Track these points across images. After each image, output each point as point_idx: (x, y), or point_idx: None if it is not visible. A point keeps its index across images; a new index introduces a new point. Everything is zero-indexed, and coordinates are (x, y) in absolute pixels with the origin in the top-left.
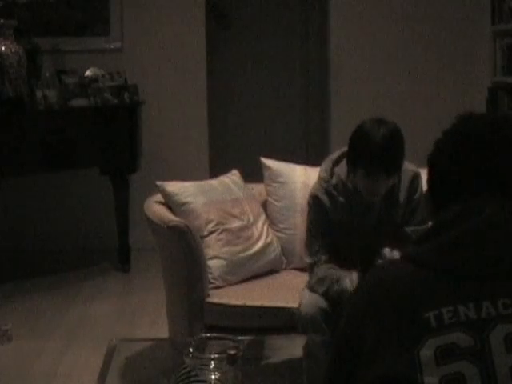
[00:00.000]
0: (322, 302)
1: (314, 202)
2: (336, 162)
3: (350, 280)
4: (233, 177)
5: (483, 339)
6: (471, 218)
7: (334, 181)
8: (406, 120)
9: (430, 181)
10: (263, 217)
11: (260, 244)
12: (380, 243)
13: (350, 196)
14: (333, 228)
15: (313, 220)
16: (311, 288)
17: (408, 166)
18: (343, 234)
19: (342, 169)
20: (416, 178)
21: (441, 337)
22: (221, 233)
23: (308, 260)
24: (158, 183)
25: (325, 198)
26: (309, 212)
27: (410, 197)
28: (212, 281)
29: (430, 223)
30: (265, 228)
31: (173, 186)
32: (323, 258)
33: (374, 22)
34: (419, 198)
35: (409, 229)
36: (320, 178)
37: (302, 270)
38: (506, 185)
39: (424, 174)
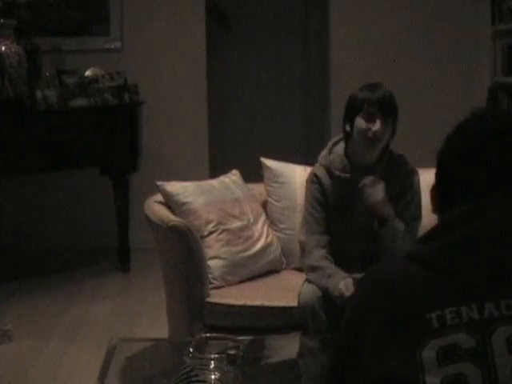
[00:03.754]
0: (320, 291)
1: (312, 179)
2: (335, 144)
3: (345, 284)
4: (233, 177)
5: (485, 340)
6: (477, 219)
7: (331, 157)
8: (407, 120)
9: (437, 177)
10: (263, 217)
11: (260, 244)
12: (373, 225)
13: (346, 170)
14: (330, 208)
15: (309, 197)
16: (306, 272)
17: (407, 161)
18: (340, 216)
19: (340, 146)
20: (412, 173)
21: (443, 338)
22: (221, 233)
23: (301, 237)
24: (158, 183)
25: (323, 175)
26: (306, 189)
27: (405, 191)
28: (212, 281)
29: (418, 221)
30: (265, 228)
31: (173, 186)
32: (314, 238)
33: (374, 21)
34: (413, 196)
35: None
36: (320, 157)
37: (301, 270)
38: None
39: (423, 175)
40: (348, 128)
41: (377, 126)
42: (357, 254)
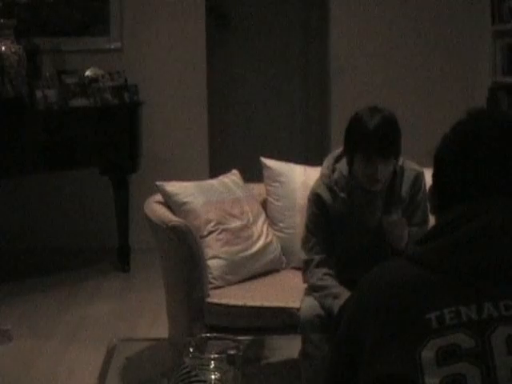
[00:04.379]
0: (320, 308)
1: (314, 198)
2: (337, 159)
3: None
4: (233, 177)
5: (484, 340)
6: (475, 219)
7: (335, 176)
8: (407, 120)
9: (435, 178)
10: (263, 216)
11: (260, 244)
12: (381, 244)
13: (351, 191)
14: (333, 227)
15: (311, 216)
16: (308, 289)
17: (411, 165)
18: (344, 234)
19: (343, 165)
20: (419, 177)
21: (442, 338)
22: (220, 233)
23: (303, 256)
24: (158, 183)
25: (326, 195)
26: (308, 208)
27: (413, 196)
28: (212, 281)
29: (427, 223)
30: (264, 228)
31: (173, 186)
32: (317, 257)
33: (374, 22)
34: (420, 199)
35: (411, 229)
36: (321, 175)
37: (302, 269)
38: None
39: (427, 174)
40: (349, 160)
41: (377, 171)
42: (361, 270)
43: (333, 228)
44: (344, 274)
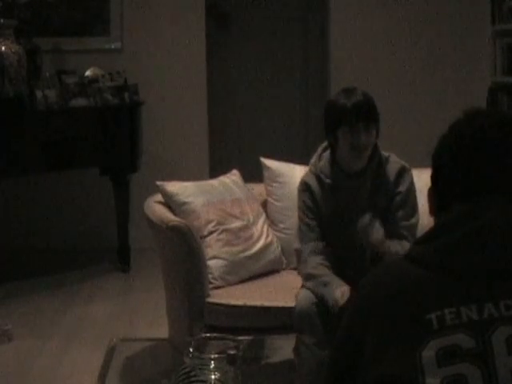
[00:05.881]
0: (316, 298)
1: (303, 187)
2: (325, 149)
3: (341, 292)
4: (233, 177)
5: (485, 341)
6: (475, 219)
7: (321, 163)
8: (407, 120)
9: (433, 178)
10: (263, 217)
11: (260, 244)
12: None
13: (337, 178)
14: (323, 215)
15: (301, 205)
16: (303, 280)
17: (396, 159)
18: (333, 222)
19: (329, 152)
20: (403, 171)
21: (443, 338)
22: (221, 233)
23: (296, 245)
24: (158, 183)
25: (313, 183)
26: (298, 199)
27: (396, 189)
28: (212, 281)
29: (416, 217)
30: (265, 228)
31: (173, 186)
32: (310, 245)
33: (374, 22)
34: (407, 193)
35: (399, 224)
36: (310, 165)
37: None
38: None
39: (418, 173)
40: (331, 139)
41: (361, 138)
42: (352, 258)
43: (322, 215)
44: (335, 259)
